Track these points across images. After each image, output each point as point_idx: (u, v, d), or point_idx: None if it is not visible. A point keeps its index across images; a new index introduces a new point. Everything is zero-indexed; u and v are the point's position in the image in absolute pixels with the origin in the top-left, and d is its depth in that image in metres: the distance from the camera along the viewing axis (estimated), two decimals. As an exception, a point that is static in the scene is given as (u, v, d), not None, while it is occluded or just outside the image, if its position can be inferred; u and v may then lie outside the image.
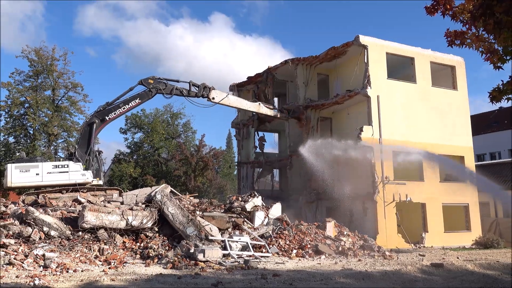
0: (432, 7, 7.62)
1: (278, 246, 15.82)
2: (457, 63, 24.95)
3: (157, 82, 20.65)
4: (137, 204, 16.06)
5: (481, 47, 7.47)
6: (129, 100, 20.31)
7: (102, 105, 20.14)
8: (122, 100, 20.29)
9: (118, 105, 20.20)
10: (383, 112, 21.66)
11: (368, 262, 14.40)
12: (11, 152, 33.30)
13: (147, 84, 20.47)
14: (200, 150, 38.50)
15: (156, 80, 20.67)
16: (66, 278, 9.82)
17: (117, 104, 20.20)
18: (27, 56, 33.70)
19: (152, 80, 20.53)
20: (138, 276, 10.28)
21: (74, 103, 35.33)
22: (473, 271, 12.84)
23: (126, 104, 20.28)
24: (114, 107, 20.16)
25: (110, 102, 20.18)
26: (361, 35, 21.99)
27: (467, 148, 24.30)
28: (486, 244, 20.98)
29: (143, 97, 20.53)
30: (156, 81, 20.64)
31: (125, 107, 20.32)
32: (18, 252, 11.79)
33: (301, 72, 25.32)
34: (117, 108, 20.18)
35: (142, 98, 20.54)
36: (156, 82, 20.62)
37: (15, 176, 18.14)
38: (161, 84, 20.72)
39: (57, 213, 14.93)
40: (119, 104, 20.23)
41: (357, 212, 21.25)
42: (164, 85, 20.79)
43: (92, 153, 19.46)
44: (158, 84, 20.64)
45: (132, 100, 20.33)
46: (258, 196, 18.50)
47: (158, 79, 20.84)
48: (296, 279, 10.47)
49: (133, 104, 20.48)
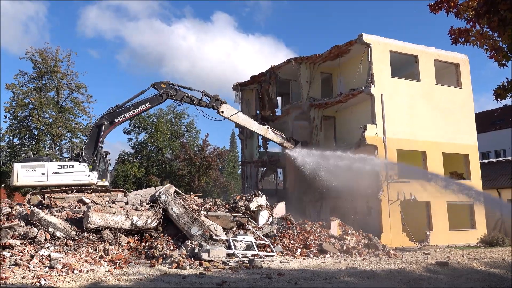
0: (436, 5, 7.59)
1: (282, 245, 15.84)
2: (461, 61, 24.83)
3: (169, 88, 20.47)
4: (141, 204, 16.11)
5: (485, 45, 7.43)
6: (139, 104, 20.27)
7: (112, 107, 20.11)
8: (132, 103, 20.23)
9: (128, 108, 20.20)
10: (387, 111, 21.60)
11: (372, 261, 14.38)
12: (16, 153, 33.50)
13: (159, 88, 20.35)
14: (204, 150, 38.53)
15: (168, 85, 20.47)
16: (72, 278, 9.87)
17: (127, 107, 20.19)
18: (31, 57, 33.94)
19: (164, 84, 20.39)
20: (143, 276, 10.32)
21: (78, 104, 35.48)
22: (478, 269, 12.78)
23: (136, 108, 20.26)
24: (124, 110, 20.16)
25: (121, 105, 20.13)
26: (365, 34, 21.93)
27: (472, 146, 24.19)
28: (492, 242, 20.90)
29: (154, 101, 20.47)
30: (168, 86, 20.48)
31: (134, 110, 20.31)
32: (24, 253, 11.86)
33: (304, 71, 25.28)
34: (127, 111, 20.18)
35: (153, 102, 20.49)
36: (168, 87, 20.47)
37: (21, 175, 18.32)
38: (172, 90, 20.55)
39: (62, 214, 15.00)
40: (129, 107, 20.21)
41: (362, 210, 21.22)
42: (176, 91, 20.62)
43: (100, 154, 19.52)
44: (170, 90, 20.45)
45: (142, 104, 20.30)
46: (262, 196, 18.51)
47: (171, 84, 20.65)
48: (300, 278, 10.47)
49: (143, 107, 20.48)
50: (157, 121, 41.02)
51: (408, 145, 21.92)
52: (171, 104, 43.39)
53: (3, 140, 33.49)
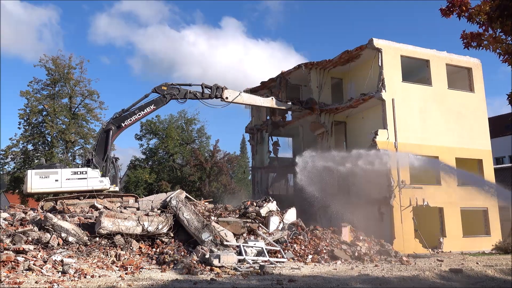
0: (448, 9, 7.55)
1: (293, 251, 15.75)
2: (474, 65, 24.57)
3: (170, 88, 21.01)
4: (152, 210, 16.20)
5: (498, 49, 7.36)
6: (144, 107, 20.64)
7: (118, 112, 20.52)
8: (137, 106, 20.67)
9: (134, 112, 20.56)
10: (399, 116, 21.43)
11: (385, 267, 14.22)
12: (30, 159, 33.98)
13: (160, 91, 20.83)
14: (215, 156, 38.62)
15: (169, 86, 21.04)
16: (84, 283, 9.94)
17: (133, 111, 20.56)
18: (45, 65, 34.51)
19: (165, 86, 20.90)
20: (155, 282, 10.35)
21: (91, 111, 35.93)
22: (493, 276, 12.54)
23: (141, 111, 20.63)
24: (130, 114, 20.52)
25: (126, 109, 20.55)
26: (375, 38, 21.85)
27: (486, 151, 23.84)
28: (507, 249, 20.48)
29: (158, 103, 20.86)
30: (169, 87, 21.01)
31: (140, 114, 20.67)
32: (37, 257, 11.98)
33: (315, 76, 25.25)
34: (132, 114, 20.54)
35: (157, 104, 20.88)
36: (169, 88, 20.98)
37: (34, 182, 18.55)
38: (174, 90, 21.07)
39: (74, 219, 15.16)
40: (135, 110, 20.58)
41: (373, 216, 21.00)
42: (178, 90, 21.15)
43: (109, 160, 19.76)
44: (172, 90, 21.00)
45: (147, 107, 20.66)
46: (273, 201, 18.48)
47: (171, 85, 21.18)
48: (312, 284, 10.39)
49: (148, 110, 20.81)
50: (168, 127, 41.29)
51: (420, 150, 21.65)
52: (182, 110, 43.85)
53: (17, 146, 34.02)
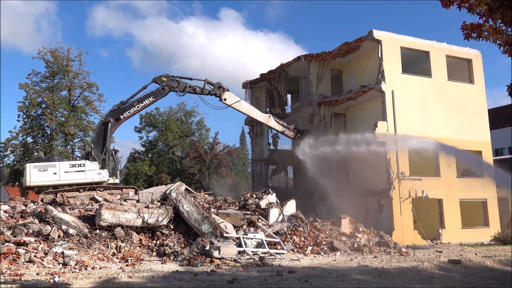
0: (448, 0, 7.49)
1: (293, 243, 15.82)
2: (474, 56, 24.48)
3: (170, 80, 20.82)
4: (152, 202, 16.24)
5: (499, 40, 7.31)
6: (143, 99, 20.54)
7: (116, 104, 20.42)
8: (136, 98, 20.54)
9: (132, 104, 20.44)
10: (398, 107, 21.40)
11: (384, 258, 14.31)
12: (30, 152, 33.97)
13: (160, 82, 20.66)
14: (214, 148, 38.64)
15: (169, 78, 20.83)
16: (85, 275, 10.00)
17: (131, 103, 20.45)
18: (43, 57, 34.33)
19: (165, 78, 20.71)
20: (155, 273, 10.41)
21: (90, 103, 35.82)
22: (492, 267, 12.62)
23: (140, 103, 20.53)
24: (128, 106, 20.41)
25: (124, 101, 20.43)
26: (375, 30, 21.72)
27: (485, 142, 23.84)
28: (505, 240, 20.60)
29: (157, 95, 20.73)
30: (169, 79, 20.81)
31: (139, 106, 20.56)
32: (38, 250, 12.05)
33: (314, 68, 25.16)
34: (131, 107, 20.43)
35: (156, 96, 20.74)
36: (169, 80, 20.79)
37: (33, 175, 18.56)
38: (174, 82, 20.91)
39: (75, 212, 15.21)
40: (133, 102, 20.47)
41: (373, 208, 21.09)
42: (177, 83, 20.96)
43: (108, 152, 19.75)
44: (172, 82, 20.83)
45: (146, 99, 20.55)
46: (273, 193, 18.52)
47: (172, 76, 20.97)
48: (311, 276, 10.46)
49: (147, 102, 20.69)
50: (167, 119, 41.23)
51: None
52: (182, 102, 43.76)
53: (17, 139, 33.99)
